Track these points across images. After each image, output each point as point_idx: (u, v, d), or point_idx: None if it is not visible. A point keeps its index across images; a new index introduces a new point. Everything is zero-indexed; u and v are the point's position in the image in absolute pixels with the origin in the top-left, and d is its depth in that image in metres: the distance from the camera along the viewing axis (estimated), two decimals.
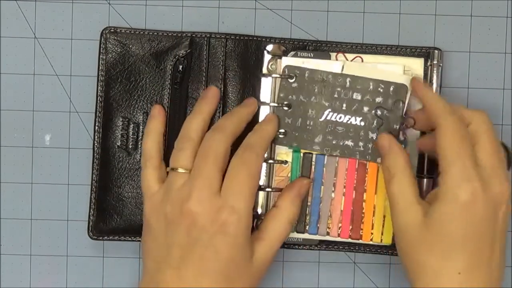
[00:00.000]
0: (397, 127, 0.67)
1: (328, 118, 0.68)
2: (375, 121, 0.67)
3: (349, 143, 0.68)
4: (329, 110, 0.68)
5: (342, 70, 0.68)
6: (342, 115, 0.68)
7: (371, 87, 0.67)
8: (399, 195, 0.63)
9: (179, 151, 0.66)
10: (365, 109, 0.67)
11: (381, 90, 0.67)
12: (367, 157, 0.68)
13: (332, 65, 0.68)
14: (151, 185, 0.67)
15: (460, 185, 0.60)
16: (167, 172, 0.67)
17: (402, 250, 0.63)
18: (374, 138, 0.67)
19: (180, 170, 0.65)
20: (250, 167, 0.64)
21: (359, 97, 0.67)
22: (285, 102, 0.68)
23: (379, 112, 0.67)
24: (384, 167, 0.64)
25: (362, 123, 0.68)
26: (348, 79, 0.68)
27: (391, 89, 0.67)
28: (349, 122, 0.68)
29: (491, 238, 0.61)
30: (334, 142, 0.68)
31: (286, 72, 0.68)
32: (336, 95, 0.68)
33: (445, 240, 0.61)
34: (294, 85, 0.68)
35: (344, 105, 0.68)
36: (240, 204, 0.63)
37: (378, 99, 0.67)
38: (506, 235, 0.63)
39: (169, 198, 0.65)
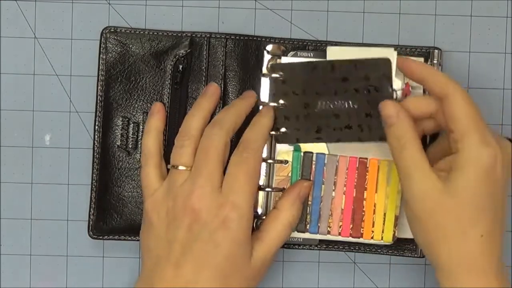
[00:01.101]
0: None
1: (323, 107, 0.67)
2: (367, 100, 0.66)
3: (348, 127, 0.67)
4: (322, 99, 0.67)
5: (326, 57, 0.68)
6: (335, 101, 0.67)
7: (355, 67, 0.66)
8: (414, 164, 0.62)
9: (179, 149, 0.66)
10: (355, 90, 0.66)
11: (366, 69, 0.66)
12: (368, 137, 0.67)
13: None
14: (152, 182, 0.67)
15: (483, 150, 0.60)
16: (168, 170, 0.67)
17: (418, 218, 0.63)
18: (371, 116, 0.66)
19: (181, 167, 0.65)
20: (249, 165, 0.65)
21: (347, 80, 0.66)
22: (281, 101, 0.68)
23: (369, 91, 0.66)
24: (392, 136, 0.64)
25: (356, 105, 0.67)
26: (332, 64, 0.67)
27: (375, 65, 0.66)
28: (343, 106, 0.67)
29: (504, 200, 0.63)
30: (334, 129, 0.67)
31: (272, 71, 0.68)
32: (324, 83, 0.67)
33: (471, 206, 0.61)
34: (283, 82, 0.68)
35: (334, 91, 0.67)
36: (241, 201, 0.64)
37: (365, 78, 0.66)
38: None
39: (171, 195, 0.65)
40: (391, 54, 0.66)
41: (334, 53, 0.68)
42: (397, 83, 0.67)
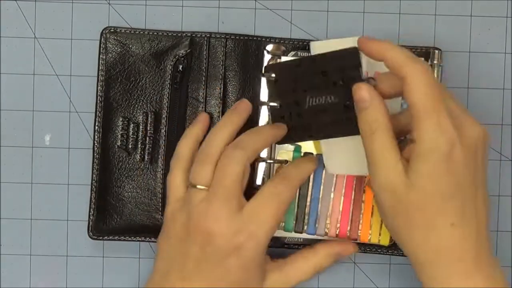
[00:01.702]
0: None
1: (311, 104, 0.65)
2: (344, 92, 0.63)
3: (335, 121, 0.64)
4: (309, 96, 0.65)
5: (311, 52, 0.67)
6: (320, 97, 0.64)
7: (331, 60, 0.63)
8: (382, 152, 0.59)
9: (199, 166, 0.64)
10: (333, 83, 0.63)
11: (338, 60, 0.63)
12: (354, 128, 0.63)
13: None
14: (177, 187, 0.66)
15: (438, 139, 0.57)
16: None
17: (388, 210, 0.60)
18: (351, 108, 0.63)
19: (199, 186, 0.64)
20: (281, 200, 0.64)
21: (326, 74, 0.64)
22: (278, 101, 0.67)
23: (343, 82, 0.63)
24: (364, 120, 0.60)
25: (337, 99, 0.64)
26: (313, 59, 0.65)
27: (345, 55, 0.62)
28: (327, 101, 0.64)
29: (474, 184, 0.60)
30: (323, 125, 0.65)
31: (266, 72, 0.67)
32: (309, 79, 0.65)
33: (434, 197, 0.58)
34: (275, 82, 0.67)
35: (317, 85, 0.65)
36: (261, 233, 0.63)
37: (340, 69, 0.63)
38: (486, 179, 0.62)
39: (186, 210, 0.64)
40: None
41: (317, 48, 0.67)
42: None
